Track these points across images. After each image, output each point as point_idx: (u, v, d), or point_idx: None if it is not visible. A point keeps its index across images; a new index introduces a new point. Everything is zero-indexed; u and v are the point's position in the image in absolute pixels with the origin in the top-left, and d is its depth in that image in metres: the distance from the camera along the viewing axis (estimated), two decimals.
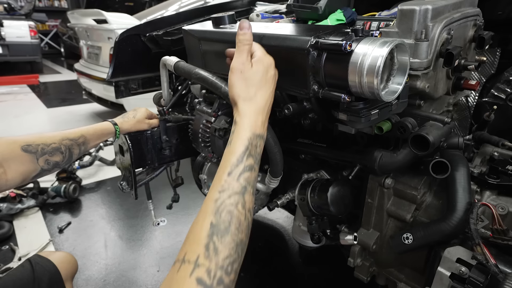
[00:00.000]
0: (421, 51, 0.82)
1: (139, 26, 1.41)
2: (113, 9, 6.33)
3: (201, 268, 0.48)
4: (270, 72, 0.73)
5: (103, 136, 1.08)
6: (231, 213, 0.53)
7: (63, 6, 11.17)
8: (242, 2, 1.58)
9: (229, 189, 0.56)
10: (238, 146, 0.62)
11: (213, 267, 0.48)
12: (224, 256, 0.50)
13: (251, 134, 0.64)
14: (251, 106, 0.68)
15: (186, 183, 1.53)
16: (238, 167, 0.59)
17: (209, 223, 0.52)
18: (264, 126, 0.68)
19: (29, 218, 2.31)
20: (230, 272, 0.50)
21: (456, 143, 0.89)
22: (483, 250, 0.76)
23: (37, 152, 0.90)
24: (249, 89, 0.69)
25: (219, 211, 0.53)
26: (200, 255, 0.49)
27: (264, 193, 1.35)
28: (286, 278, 1.79)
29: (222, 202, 0.54)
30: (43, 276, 1.02)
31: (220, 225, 0.52)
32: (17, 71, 7.29)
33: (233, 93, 0.70)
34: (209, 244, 0.50)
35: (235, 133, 0.65)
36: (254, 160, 0.61)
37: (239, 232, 0.53)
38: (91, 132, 1.04)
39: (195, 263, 0.48)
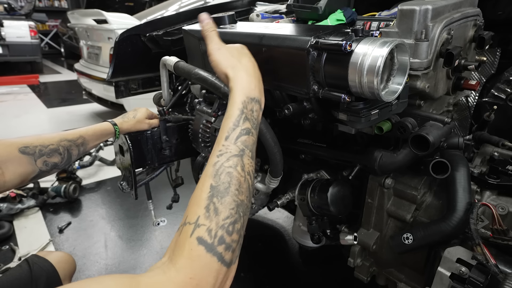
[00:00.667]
0: (421, 51, 0.82)
1: (139, 26, 1.41)
2: (113, 9, 6.33)
3: (202, 228, 0.49)
4: (244, 49, 0.76)
5: (103, 136, 1.08)
6: (230, 175, 0.54)
7: (63, 6, 11.18)
8: (242, 2, 1.58)
9: (227, 152, 0.57)
10: (234, 110, 0.63)
11: (214, 226, 0.49)
12: (225, 216, 0.50)
13: (245, 98, 0.65)
14: (241, 70, 0.70)
15: (186, 183, 1.53)
16: (235, 131, 0.60)
17: (209, 186, 0.53)
18: (258, 91, 0.69)
19: (29, 218, 2.31)
20: (232, 232, 0.50)
21: (456, 143, 0.89)
22: (483, 250, 0.76)
23: (35, 154, 0.90)
24: (233, 57, 0.72)
25: (218, 173, 0.54)
26: (200, 216, 0.50)
27: (264, 193, 1.35)
28: (286, 278, 1.79)
29: (221, 165, 0.55)
30: (41, 276, 1.02)
31: (220, 187, 0.52)
32: (17, 71, 7.29)
33: (220, 67, 0.72)
34: (209, 205, 0.50)
35: (230, 99, 0.66)
36: (251, 124, 0.62)
37: (239, 193, 0.53)
38: (90, 133, 1.04)
39: (196, 224, 0.49)
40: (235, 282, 0.52)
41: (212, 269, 0.47)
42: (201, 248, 0.48)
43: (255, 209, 1.38)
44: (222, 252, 0.49)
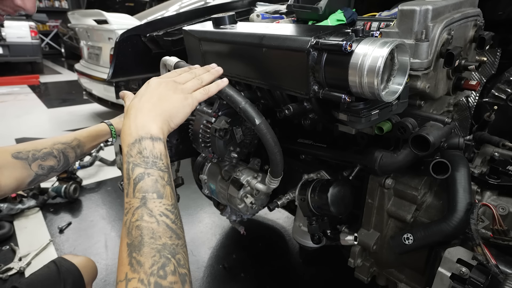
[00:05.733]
0: (422, 52, 0.82)
1: (139, 27, 1.41)
2: (113, 10, 6.34)
3: (133, 280, 0.49)
4: (142, 88, 0.73)
5: (99, 137, 1.08)
6: (139, 227, 0.54)
7: (64, 7, 11.18)
8: (243, 3, 1.59)
9: (130, 208, 0.56)
10: (123, 165, 0.61)
11: (143, 276, 0.49)
12: (149, 264, 0.51)
13: (126, 148, 0.62)
14: (125, 120, 0.67)
15: (186, 183, 1.53)
16: (130, 184, 0.58)
17: (126, 245, 0.53)
18: (141, 126, 0.64)
19: (30, 218, 2.31)
20: (165, 275, 0.50)
21: (457, 143, 0.89)
22: (484, 251, 0.76)
23: (28, 158, 0.91)
24: (137, 100, 0.70)
25: (129, 231, 0.54)
26: (128, 272, 0.50)
27: (264, 194, 1.35)
28: (286, 279, 1.79)
29: (129, 222, 0.55)
30: (68, 278, 1.04)
31: (134, 242, 0.53)
32: (18, 71, 7.30)
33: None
34: (131, 261, 0.51)
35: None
36: (143, 167, 0.60)
37: (155, 239, 0.53)
38: (85, 135, 1.04)
39: (126, 279, 0.50)
40: (235, 282, 0.52)
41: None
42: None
43: (255, 210, 1.38)
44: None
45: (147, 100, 0.69)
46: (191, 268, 1.82)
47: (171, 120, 0.69)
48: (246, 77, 0.98)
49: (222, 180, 1.36)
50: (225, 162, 1.30)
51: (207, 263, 1.89)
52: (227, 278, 1.78)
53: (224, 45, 1.00)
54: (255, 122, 0.89)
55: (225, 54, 1.02)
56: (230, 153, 1.18)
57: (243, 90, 1.13)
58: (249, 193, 1.30)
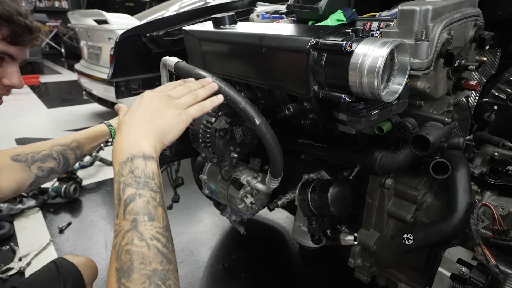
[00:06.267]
0: (422, 52, 0.82)
1: (139, 27, 1.41)
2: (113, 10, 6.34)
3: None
4: (134, 103, 0.72)
5: (98, 138, 1.08)
6: (129, 252, 0.52)
7: (64, 7, 11.18)
8: (243, 3, 1.59)
9: (120, 230, 0.55)
10: (114, 185, 0.59)
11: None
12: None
13: (117, 167, 0.60)
14: (116, 137, 0.65)
15: (186, 183, 1.53)
16: (120, 205, 0.56)
17: (115, 269, 0.52)
18: (133, 144, 0.62)
19: (30, 218, 2.31)
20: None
21: (457, 143, 0.89)
22: (484, 251, 0.76)
23: (27, 160, 0.91)
24: (130, 115, 0.68)
25: (119, 255, 0.53)
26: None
27: (264, 194, 1.35)
28: (286, 278, 1.79)
29: (119, 246, 0.53)
30: (68, 279, 1.04)
31: (123, 267, 0.51)
32: None
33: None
34: (120, 287, 0.50)
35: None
36: (134, 187, 0.57)
37: (146, 264, 0.52)
38: (84, 136, 1.04)
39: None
40: (235, 282, 0.52)
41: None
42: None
43: (255, 210, 1.38)
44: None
45: (140, 116, 0.67)
46: (191, 268, 1.84)
47: (164, 137, 0.67)
48: (246, 77, 0.98)
49: (222, 180, 1.36)
50: (225, 162, 1.30)
51: (207, 263, 1.89)
52: (227, 278, 1.78)
53: (224, 45, 1.00)
54: (255, 122, 0.89)
55: (225, 54, 1.02)
56: (230, 153, 1.18)
57: (243, 90, 1.13)
58: (249, 193, 1.30)
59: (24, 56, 0.86)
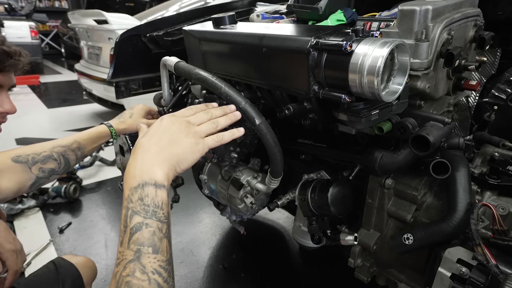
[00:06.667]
0: (422, 52, 0.82)
1: (139, 27, 1.41)
2: (113, 10, 6.34)
3: None
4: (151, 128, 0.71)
5: (99, 139, 1.08)
6: (129, 284, 0.51)
7: (64, 7, 11.19)
8: (243, 3, 1.59)
9: (123, 259, 0.54)
10: (122, 211, 0.59)
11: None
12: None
13: (127, 192, 0.59)
14: (130, 161, 0.64)
15: (186, 183, 1.53)
16: (126, 233, 0.56)
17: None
18: (146, 171, 0.61)
19: (30, 218, 2.31)
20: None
21: (457, 143, 0.89)
22: (484, 251, 0.76)
23: (28, 162, 0.91)
24: (147, 139, 0.68)
25: (118, 285, 0.52)
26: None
27: (264, 194, 1.35)
28: (286, 279, 1.79)
29: (120, 276, 0.53)
30: (67, 279, 1.04)
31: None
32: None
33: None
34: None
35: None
36: (143, 215, 0.57)
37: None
38: (85, 137, 1.04)
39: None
40: (235, 282, 0.52)
41: None
42: None
43: (255, 210, 1.38)
44: None
45: (156, 142, 0.66)
46: (191, 268, 1.83)
47: (178, 166, 0.66)
48: (246, 77, 0.98)
49: (222, 180, 1.36)
50: (225, 162, 1.30)
51: (207, 263, 1.89)
52: (227, 278, 1.78)
53: (224, 45, 1.00)
54: (255, 122, 0.89)
55: (225, 54, 1.02)
56: (230, 153, 1.18)
57: (243, 90, 1.13)
58: (249, 193, 1.30)
59: (10, 81, 0.87)
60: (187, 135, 0.69)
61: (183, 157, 0.67)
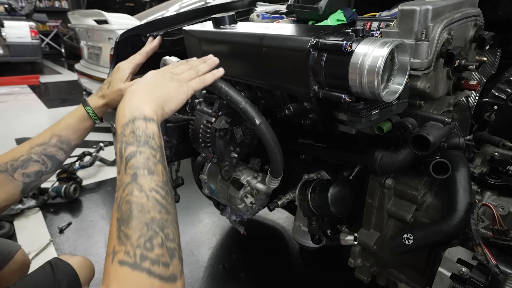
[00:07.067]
0: (422, 52, 0.82)
1: (139, 27, 1.41)
2: (113, 10, 6.34)
3: (119, 253, 0.50)
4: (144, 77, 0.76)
5: (81, 125, 0.95)
6: (129, 202, 0.55)
7: (64, 7, 11.19)
8: (243, 3, 1.58)
9: (121, 184, 0.58)
10: (117, 145, 0.63)
11: (130, 248, 0.51)
12: (136, 237, 0.52)
13: (120, 128, 0.64)
14: (124, 97, 0.70)
15: (186, 183, 1.53)
16: (122, 162, 0.60)
17: (115, 220, 0.55)
18: (134, 108, 0.66)
19: (30, 218, 2.31)
20: (152, 247, 0.51)
21: (457, 143, 0.89)
22: (484, 251, 0.76)
23: (8, 170, 0.86)
24: (134, 87, 0.73)
25: (119, 206, 0.55)
26: (115, 245, 0.52)
27: (264, 194, 1.35)
28: (286, 279, 1.79)
29: (120, 198, 0.56)
30: (63, 280, 1.02)
31: (123, 216, 0.54)
32: (18, 71, 7.29)
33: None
34: (119, 235, 0.52)
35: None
36: (135, 145, 0.61)
37: (144, 213, 0.54)
38: (63, 128, 0.93)
39: (113, 252, 0.51)
40: (235, 282, 0.52)
41: (144, 285, 0.49)
42: (125, 268, 0.49)
43: (255, 210, 1.38)
44: (149, 267, 0.49)
45: (142, 86, 0.71)
46: (191, 268, 1.84)
47: (165, 105, 0.71)
48: (246, 77, 0.98)
49: (222, 180, 1.37)
50: (225, 162, 1.30)
51: (207, 263, 1.89)
52: (227, 278, 1.78)
53: (224, 45, 1.00)
54: (255, 122, 0.89)
55: (225, 54, 1.02)
56: (230, 153, 1.18)
57: (243, 90, 1.13)
58: (249, 193, 1.30)
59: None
60: (171, 80, 0.75)
61: (169, 97, 0.72)
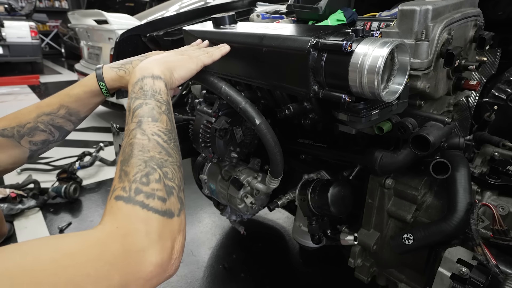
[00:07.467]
0: (422, 52, 0.82)
1: (139, 27, 1.41)
2: (113, 10, 6.34)
3: (117, 189, 0.52)
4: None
5: (91, 99, 0.90)
6: (131, 144, 0.57)
7: (64, 7, 11.19)
8: (243, 3, 1.59)
9: (127, 132, 0.61)
10: (128, 101, 0.67)
11: (126, 184, 0.52)
12: (134, 172, 0.53)
13: (131, 87, 0.69)
14: (133, 70, 0.74)
15: (186, 183, 1.53)
16: (129, 114, 0.63)
17: (119, 162, 0.57)
18: (144, 69, 0.71)
19: (30, 218, 2.31)
20: (148, 182, 0.52)
21: (457, 143, 0.89)
22: (484, 251, 0.76)
23: (14, 136, 0.82)
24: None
25: (123, 150, 0.58)
26: (115, 184, 0.54)
27: (264, 194, 1.35)
28: (286, 279, 1.79)
29: (124, 143, 0.59)
30: None
31: (125, 157, 0.56)
32: (18, 71, 7.30)
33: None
34: (120, 174, 0.54)
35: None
36: (142, 99, 0.65)
37: (144, 152, 0.56)
38: (73, 100, 0.87)
39: (112, 191, 0.53)
40: (235, 282, 0.52)
41: (137, 216, 0.49)
42: (120, 202, 0.50)
43: (255, 210, 1.38)
44: (143, 200, 0.50)
45: (153, 57, 0.77)
46: (191, 268, 1.84)
47: (174, 70, 0.75)
48: (246, 77, 0.98)
49: (222, 180, 1.37)
50: (225, 162, 1.30)
51: (207, 263, 1.89)
52: (227, 278, 1.78)
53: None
54: (255, 122, 0.89)
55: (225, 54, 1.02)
56: (230, 153, 1.18)
57: (243, 90, 1.13)
58: (249, 193, 1.30)
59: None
60: (182, 54, 0.81)
61: (179, 64, 0.77)
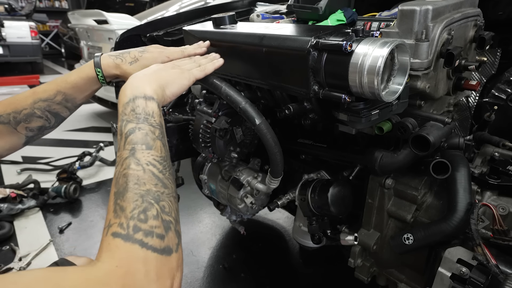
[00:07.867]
0: (422, 52, 0.82)
1: (139, 27, 1.41)
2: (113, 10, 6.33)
3: (113, 225, 0.50)
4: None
5: (89, 86, 0.89)
6: (126, 175, 0.55)
7: (64, 7, 11.19)
8: (243, 3, 1.59)
9: (120, 160, 0.58)
10: (118, 124, 0.65)
11: (123, 220, 0.50)
12: (131, 208, 0.51)
13: (121, 108, 0.66)
14: (126, 82, 0.72)
15: (186, 183, 1.53)
16: (121, 139, 0.61)
17: (113, 194, 0.55)
18: (135, 87, 0.68)
19: (30, 218, 2.31)
20: (146, 219, 0.51)
21: (457, 143, 0.89)
22: (484, 251, 0.76)
23: (10, 122, 0.83)
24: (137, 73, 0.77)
25: (117, 180, 0.56)
26: (111, 219, 0.52)
27: (264, 194, 1.35)
28: (287, 279, 1.79)
29: (117, 172, 0.57)
30: None
31: (119, 189, 0.54)
32: (18, 71, 7.29)
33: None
34: (115, 208, 0.52)
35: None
36: (134, 122, 0.63)
37: (139, 185, 0.54)
38: (70, 86, 0.87)
39: (108, 225, 0.51)
40: (235, 282, 0.52)
41: (136, 256, 0.48)
42: (118, 240, 0.49)
43: (255, 210, 1.38)
44: (142, 238, 0.49)
45: (145, 71, 0.75)
46: (191, 268, 1.84)
47: (166, 87, 0.73)
48: (246, 77, 0.98)
49: (222, 180, 1.37)
50: (225, 162, 1.30)
51: (207, 263, 1.89)
52: (227, 278, 1.78)
53: (224, 45, 1.00)
54: (255, 122, 0.89)
55: (225, 54, 1.02)
56: (230, 153, 1.18)
57: (243, 90, 1.13)
58: (249, 193, 1.30)
59: None
60: (173, 68, 0.79)
61: (171, 80, 0.75)
